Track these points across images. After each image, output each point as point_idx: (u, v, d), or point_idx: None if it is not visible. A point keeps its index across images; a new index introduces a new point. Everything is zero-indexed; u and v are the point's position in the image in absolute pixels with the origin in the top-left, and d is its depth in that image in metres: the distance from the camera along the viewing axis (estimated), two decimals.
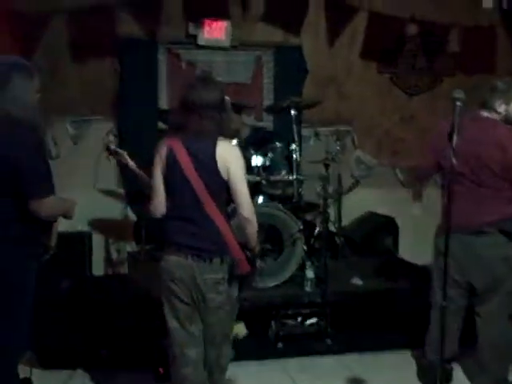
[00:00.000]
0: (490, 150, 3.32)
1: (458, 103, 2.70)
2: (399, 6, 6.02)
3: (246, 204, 2.76)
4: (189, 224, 2.76)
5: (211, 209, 2.73)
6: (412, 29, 6.21)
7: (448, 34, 6.22)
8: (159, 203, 2.85)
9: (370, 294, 4.53)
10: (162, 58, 5.67)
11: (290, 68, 5.86)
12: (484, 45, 6.29)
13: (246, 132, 5.18)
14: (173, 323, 2.86)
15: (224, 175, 2.72)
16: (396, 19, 6.04)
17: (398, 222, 5.56)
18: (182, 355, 2.86)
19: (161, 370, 3.66)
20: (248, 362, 4.04)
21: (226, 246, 2.75)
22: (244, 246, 2.81)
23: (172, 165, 2.77)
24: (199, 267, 2.73)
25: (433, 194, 3.50)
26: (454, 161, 2.73)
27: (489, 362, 3.57)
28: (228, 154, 2.74)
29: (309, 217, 5.15)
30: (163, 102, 5.65)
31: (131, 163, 3.22)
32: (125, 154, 3.29)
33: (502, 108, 3.41)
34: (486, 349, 3.57)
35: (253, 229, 2.80)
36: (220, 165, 2.72)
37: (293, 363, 4.09)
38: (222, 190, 2.76)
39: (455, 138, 2.72)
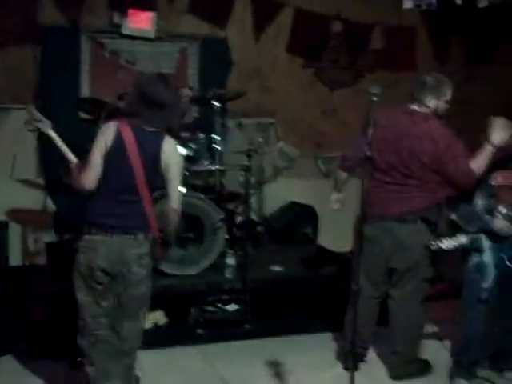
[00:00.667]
0: (423, 142, 3.47)
1: (374, 98, 2.82)
2: (325, 4, 6.16)
3: (176, 196, 3.06)
4: (120, 205, 2.94)
5: (144, 194, 2.96)
6: (337, 26, 6.38)
7: (371, 32, 6.42)
8: (92, 177, 2.94)
9: (289, 281, 4.65)
10: (85, 46, 5.57)
11: (216, 60, 5.90)
12: (405, 44, 6.54)
13: None
14: (84, 298, 3.00)
15: (163, 168, 2.98)
16: (321, 16, 6.18)
17: (318, 211, 5.71)
18: (95, 322, 3.02)
19: (79, 359, 3.64)
20: (168, 348, 4.09)
21: (149, 225, 2.99)
22: (161, 231, 3.05)
23: (116, 146, 2.92)
24: (126, 242, 2.93)
25: (352, 184, 3.60)
26: (368, 153, 2.85)
27: (399, 344, 3.74)
28: (171, 152, 3.01)
29: (231, 206, 5.22)
30: (86, 91, 5.58)
31: (54, 134, 3.16)
32: (49, 122, 3.21)
33: (431, 103, 3.58)
34: (398, 331, 3.74)
35: (175, 218, 3.08)
36: (163, 159, 2.96)
37: (212, 349, 4.15)
38: (157, 180, 3.01)
39: (370, 130, 2.85)
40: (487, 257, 3.46)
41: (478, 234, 3.49)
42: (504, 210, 3.46)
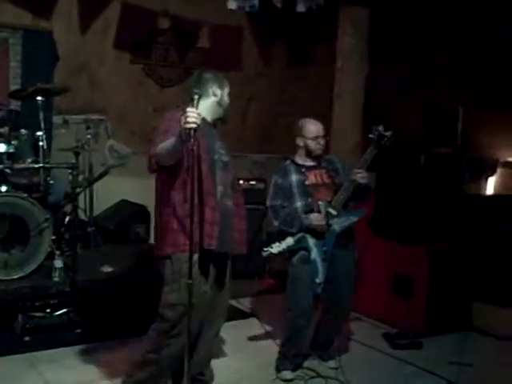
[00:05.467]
0: None
1: (196, 97, 2.85)
2: (153, 0, 6.14)
3: None
4: None
5: None
6: (165, 23, 6.39)
7: (199, 30, 6.51)
8: None
9: (119, 281, 4.58)
10: None
11: (39, 53, 5.65)
12: (232, 43, 6.73)
13: None
14: None
15: None
16: (149, 12, 6.15)
17: (150, 209, 5.71)
18: None
19: None
20: None
21: None
22: None
23: None
24: None
25: None
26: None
27: None
28: None
29: (60, 204, 5.03)
30: None
31: None
32: None
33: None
34: None
35: None
36: None
37: (41, 356, 3.97)
38: None
39: None
40: (314, 253, 3.65)
41: (302, 234, 3.67)
42: (324, 208, 3.71)
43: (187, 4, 6.31)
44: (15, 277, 4.30)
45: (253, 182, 5.80)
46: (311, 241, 3.68)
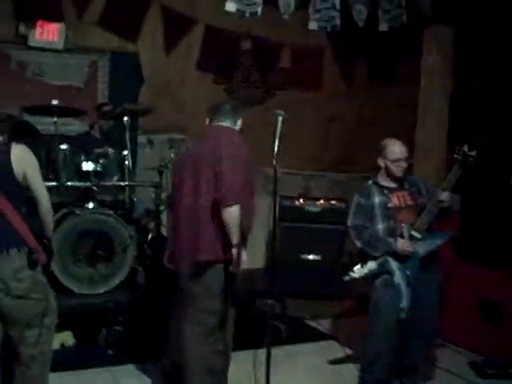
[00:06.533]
0: None
1: (280, 118, 2.86)
2: (235, 22, 6.23)
3: (45, 199, 3.04)
4: None
5: (7, 207, 2.85)
6: (246, 44, 6.48)
7: (280, 50, 6.56)
8: None
9: None
10: None
11: (126, 74, 5.85)
12: (312, 63, 6.73)
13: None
14: None
15: (19, 176, 2.90)
16: (231, 33, 6.25)
17: None
18: None
19: None
20: (77, 371, 3.94)
21: (20, 237, 2.89)
22: (42, 236, 3.02)
23: None
24: None
25: None
26: None
27: None
28: (21, 157, 2.93)
29: (142, 222, 5.16)
30: None
31: None
32: None
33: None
34: None
35: (50, 218, 3.10)
36: (15, 167, 2.88)
37: (123, 370, 4.04)
38: (18, 190, 2.93)
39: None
40: (398, 277, 3.57)
41: (385, 257, 3.60)
42: (407, 231, 3.62)
43: (269, 25, 6.36)
44: (100, 291, 4.43)
45: (333, 202, 5.72)
46: (394, 264, 3.60)
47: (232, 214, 3.08)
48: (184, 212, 3.29)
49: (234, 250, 3.10)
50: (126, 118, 4.88)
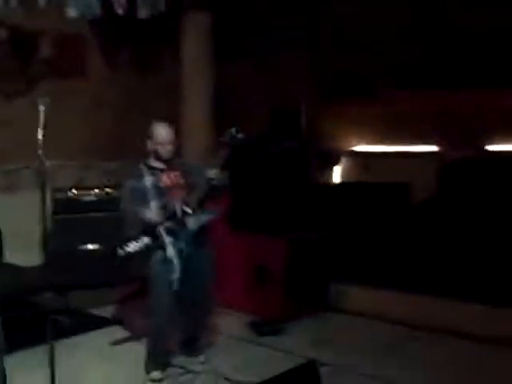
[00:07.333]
0: None
1: (43, 108, 2.84)
2: None
3: None
4: None
5: None
6: (1, 33, 6.12)
7: (39, 39, 6.31)
8: None
9: None
10: None
11: None
12: (75, 52, 6.60)
13: None
14: None
15: None
16: None
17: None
18: None
19: None
20: None
21: None
22: None
23: None
24: None
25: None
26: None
27: None
28: None
29: None
30: None
31: None
32: None
33: None
34: None
35: None
36: None
37: None
38: None
39: None
40: (170, 251, 3.72)
41: (159, 231, 3.72)
42: (179, 207, 3.80)
43: (26, 13, 6.08)
44: None
45: (108, 190, 5.71)
46: (167, 238, 3.75)
47: None
48: None
49: None
50: None
